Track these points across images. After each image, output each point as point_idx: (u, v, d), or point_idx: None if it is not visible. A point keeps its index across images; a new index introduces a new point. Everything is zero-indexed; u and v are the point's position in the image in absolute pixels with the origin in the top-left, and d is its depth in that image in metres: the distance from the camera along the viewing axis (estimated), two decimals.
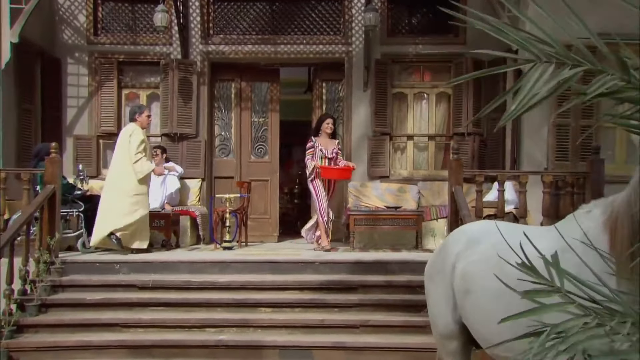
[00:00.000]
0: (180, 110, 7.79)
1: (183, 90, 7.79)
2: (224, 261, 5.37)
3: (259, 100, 8.21)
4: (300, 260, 5.49)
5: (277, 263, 5.36)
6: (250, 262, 5.37)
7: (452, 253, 2.49)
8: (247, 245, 7.06)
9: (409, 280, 5.10)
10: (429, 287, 2.70)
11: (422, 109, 7.92)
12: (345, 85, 7.89)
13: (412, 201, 7.50)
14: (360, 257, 5.73)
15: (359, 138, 7.85)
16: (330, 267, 5.37)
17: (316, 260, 5.45)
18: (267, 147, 8.22)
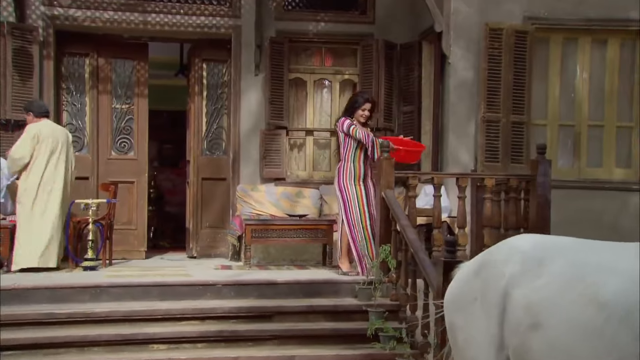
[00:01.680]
0: (17, 90, 6.75)
1: (20, 64, 6.76)
2: (97, 285, 4.71)
3: (121, 82, 7.43)
4: (196, 282, 4.95)
5: (168, 286, 4.83)
6: (132, 285, 4.77)
7: (501, 276, 2.16)
8: (112, 263, 6.26)
9: (335, 305, 4.81)
10: (456, 321, 2.35)
11: (324, 98, 7.68)
12: (232, 67, 7.40)
13: (313, 208, 7.23)
14: (271, 277, 5.32)
15: (249, 131, 7.42)
16: (236, 290, 4.91)
17: (217, 281, 4.93)
18: (133, 140, 7.45)
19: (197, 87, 7.56)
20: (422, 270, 4.20)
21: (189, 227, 7.63)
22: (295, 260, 6.77)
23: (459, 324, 2.34)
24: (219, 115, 7.64)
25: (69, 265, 5.82)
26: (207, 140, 7.64)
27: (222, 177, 7.59)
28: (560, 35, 6.23)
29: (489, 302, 2.17)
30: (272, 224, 6.34)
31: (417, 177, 5.21)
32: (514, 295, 2.08)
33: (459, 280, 2.43)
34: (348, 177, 5.44)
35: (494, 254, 2.26)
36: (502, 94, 6.07)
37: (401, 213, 4.83)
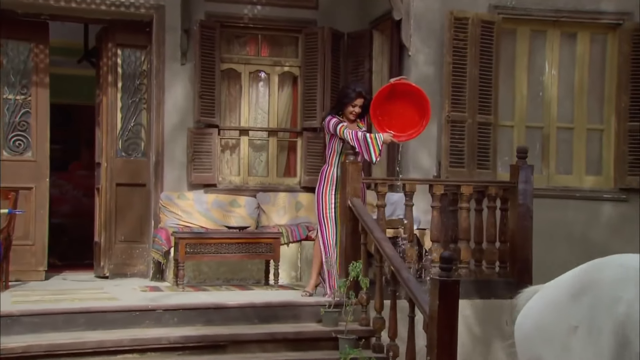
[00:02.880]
0: None
1: None
2: (7, 314, 4.17)
3: (15, 68, 6.76)
4: (131, 307, 4.54)
5: (97, 313, 4.41)
6: (52, 312, 4.31)
7: (616, 300, 1.90)
8: (8, 287, 5.62)
9: (297, 332, 4.50)
10: (545, 355, 2.07)
11: (260, 93, 7.34)
12: (154, 54, 6.90)
13: (249, 219, 6.88)
14: (220, 299, 4.90)
15: (175, 130, 6.93)
16: (180, 317, 4.55)
17: (157, 306, 4.52)
18: (30, 139, 6.78)
19: (111, 77, 7.00)
20: (408, 291, 3.94)
21: (99, 241, 7.02)
22: (232, 279, 6.41)
23: (548, 357, 2.07)
24: (137, 110, 7.11)
25: None
26: (123, 140, 7.08)
27: (140, 183, 7.08)
28: (528, 27, 6.24)
29: (600, 332, 1.92)
30: (209, 238, 5.91)
31: (386, 184, 4.97)
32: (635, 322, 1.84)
33: (544, 305, 2.16)
34: (329, 184, 5.13)
35: (600, 273, 2.02)
36: (467, 91, 5.98)
37: (374, 224, 4.58)
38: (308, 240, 6.51)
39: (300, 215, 6.92)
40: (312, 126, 7.11)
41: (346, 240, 4.90)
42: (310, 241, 6.42)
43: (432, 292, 3.61)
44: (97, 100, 7.35)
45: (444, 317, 3.55)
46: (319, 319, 4.71)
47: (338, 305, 4.66)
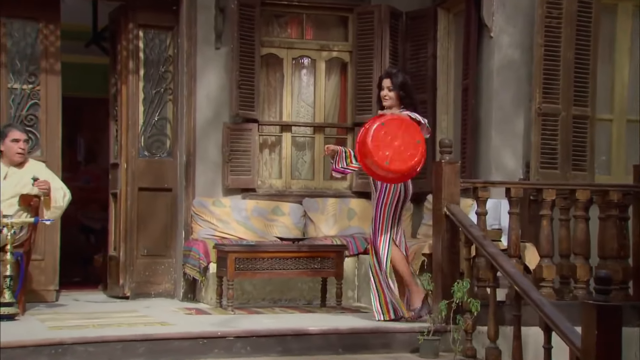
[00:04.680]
0: None
1: None
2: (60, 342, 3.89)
3: (21, 52, 6.30)
4: (197, 334, 4.21)
5: (160, 340, 4.10)
6: (109, 340, 4.01)
7: None
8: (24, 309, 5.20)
9: None
10: None
11: (303, 83, 6.94)
12: (184, 37, 6.48)
13: (295, 229, 6.52)
14: (299, 325, 4.56)
15: (207, 125, 6.52)
16: (252, 345, 4.25)
17: (226, 333, 4.25)
18: (39, 135, 6.31)
19: (132, 63, 6.55)
20: (544, 317, 3.53)
21: (117, 256, 6.56)
22: (279, 300, 6.02)
23: None
24: (162, 102, 6.70)
25: None
26: (145, 137, 6.62)
27: (166, 187, 6.63)
28: (631, 3, 5.86)
29: None
30: (262, 252, 5.48)
31: (488, 188, 4.56)
32: None
33: None
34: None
35: None
36: (561, 79, 5.58)
37: (484, 237, 4.16)
38: (367, 254, 6.10)
39: (352, 224, 6.55)
40: (365, 120, 6.66)
41: (442, 255, 4.48)
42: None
43: (587, 320, 3.22)
44: (112, 91, 6.92)
45: (604, 351, 3.15)
46: (413, 347, 4.35)
47: (436, 331, 4.27)
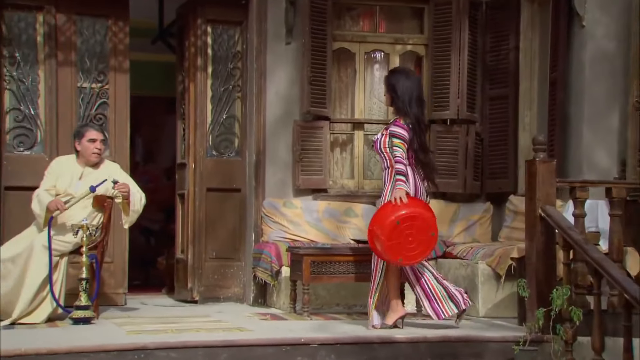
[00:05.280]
0: None
1: None
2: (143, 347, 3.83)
3: (90, 49, 6.36)
4: (280, 340, 4.16)
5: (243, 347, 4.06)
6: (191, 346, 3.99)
7: None
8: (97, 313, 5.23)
9: None
10: None
11: (376, 78, 6.83)
12: (254, 32, 6.45)
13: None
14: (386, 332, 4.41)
15: (277, 123, 6.49)
16: (337, 353, 4.16)
17: (310, 340, 4.18)
18: (107, 134, 6.34)
19: (200, 60, 6.54)
20: None
21: (185, 259, 6.56)
22: (354, 305, 5.90)
23: None
24: (230, 99, 6.69)
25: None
26: (214, 136, 6.60)
27: (235, 188, 6.60)
28: None
29: None
30: (338, 255, 5.40)
31: (586, 188, 4.38)
32: None
33: None
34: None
35: None
36: None
37: (586, 241, 3.99)
38: (446, 258, 5.97)
39: None
40: (443, 117, 6.56)
41: (537, 260, 4.32)
42: (450, 259, 5.90)
43: None
44: (179, 89, 6.94)
45: None
46: (507, 358, 4.20)
47: (533, 341, 4.11)
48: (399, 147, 4.58)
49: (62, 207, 4.99)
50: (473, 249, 5.67)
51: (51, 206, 4.99)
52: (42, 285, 4.85)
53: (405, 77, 4.78)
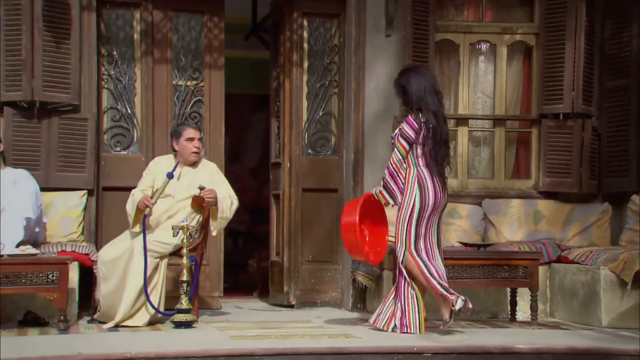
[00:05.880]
0: (49, 57, 5.76)
1: (53, 18, 5.77)
2: (250, 353, 3.86)
3: (185, 46, 6.43)
4: (390, 348, 4.09)
5: (353, 355, 3.97)
6: (299, 352, 3.97)
7: None
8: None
9: None
10: None
11: (481, 71, 6.68)
12: (353, 24, 6.38)
13: (473, 232, 6.27)
14: (503, 341, 4.22)
15: (376, 119, 6.40)
16: None
17: (423, 348, 4.10)
18: (203, 133, 6.36)
19: (295, 55, 6.52)
20: None
21: (281, 261, 6.54)
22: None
23: None
24: (327, 96, 6.64)
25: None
26: (309, 134, 6.56)
27: (331, 188, 6.54)
28: None
29: None
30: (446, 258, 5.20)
31: None
32: None
33: None
34: None
35: None
36: None
37: None
38: (560, 263, 5.75)
39: (540, 228, 6.23)
40: (555, 111, 6.31)
41: None
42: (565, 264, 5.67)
43: None
44: (273, 85, 6.93)
45: None
46: None
47: None
48: (399, 150, 4.75)
49: (149, 202, 5.04)
50: (592, 253, 5.43)
51: (140, 205, 5.05)
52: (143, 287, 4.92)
53: (415, 73, 4.87)
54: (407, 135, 4.72)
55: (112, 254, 5.07)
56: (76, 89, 5.83)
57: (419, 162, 4.74)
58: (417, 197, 4.69)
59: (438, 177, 4.74)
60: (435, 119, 4.70)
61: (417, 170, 4.73)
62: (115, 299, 4.93)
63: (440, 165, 4.75)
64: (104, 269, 5.06)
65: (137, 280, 4.89)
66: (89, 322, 5.14)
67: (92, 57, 5.95)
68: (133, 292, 4.89)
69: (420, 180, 4.70)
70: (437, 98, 4.79)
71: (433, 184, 4.70)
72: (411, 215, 4.72)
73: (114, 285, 4.99)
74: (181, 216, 5.12)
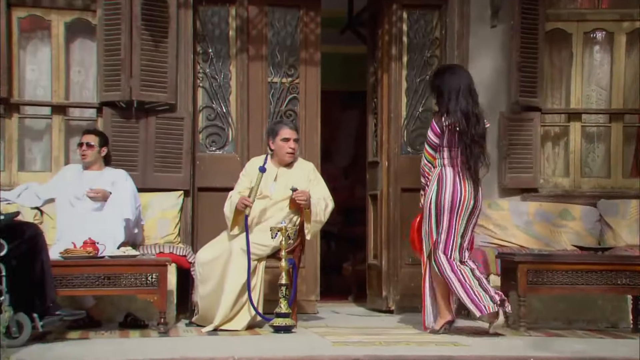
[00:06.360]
0: (147, 56, 5.86)
1: (151, 17, 5.87)
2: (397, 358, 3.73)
3: (281, 42, 6.43)
4: (504, 358, 3.96)
5: None
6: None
7: None
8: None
9: None
10: None
11: (595, 62, 6.46)
12: (456, 15, 6.27)
13: (587, 235, 6.04)
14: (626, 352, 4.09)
15: None
16: None
17: (541, 358, 3.95)
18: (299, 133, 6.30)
19: (394, 49, 6.43)
20: None
21: (379, 265, 6.46)
22: (575, 321, 5.55)
23: None
24: (427, 91, 6.46)
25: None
26: (408, 131, 6.46)
27: None
28: None
29: None
30: (560, 263, 5.10)
31: None
32: None
33: None
34: None
35: None
36: None
37: None
38: None
39: None
40: None
41: None
42: None
43: None
44: (370, 81, 6.86)
45: None
46: None
47: None
48: (425, 156, 4.94)
49: (248, 202, 5.04)
50: None
51: (239, 206, 5.05)
52: (242, 291, 4.92)
53: (450, 73, 5.00)
54: (431, 141, 4.91)
55: (210, 255, 5.10)
56: (173, 87, 5.91)
57: (444, 162, 4.88)
58: (434, 196, 4.86)
59: (467, 178, 4.84)
60: (465, 121, 4.80)
61: (440, 170, 4.88)
62: (213, 302, 4.96)
63: (471, 166, 4.84)
64: (201, 271, 5.09)
65: (235, 283, 4.90)
66: (188, 325, 5.20)
67: (189, 55, 6.02)
68: (232, 294, 4.89)
69: (439, 179, 4.86)
70: (471, 98, 4.89)
71: (454, 184, 4.82)
72: (429, 214, 4.87)
73: (211, 288, 5.02)
74: (279, 217, 5.11)
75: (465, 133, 4.79)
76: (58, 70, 5.95)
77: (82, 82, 6.12)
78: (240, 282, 4.90)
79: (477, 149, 4.83)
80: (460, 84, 4.88)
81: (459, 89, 4.86)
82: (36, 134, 6.04)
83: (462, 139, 4.80)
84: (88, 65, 6.09)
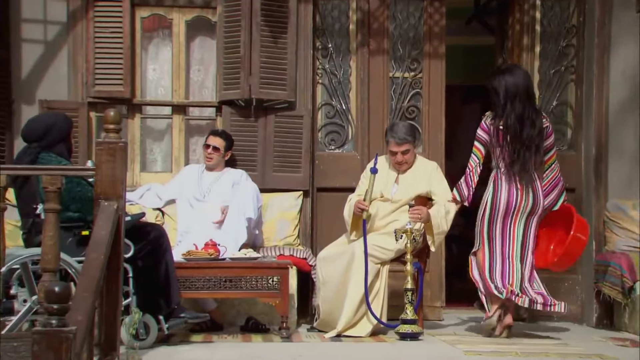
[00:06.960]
0: (267, 54, 5.93)
1: (270, 12, 5.91)
2: None
3: (403, 35, 6.35)
4: None
5: None
6: None
7: None
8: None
9: None
10: None
11: None
12: (595, 1, 6.09)
13: None
14: None
15: (623, 109, 6.10)
16: None
17: None
18: (420, 128, 6.31)
19: (526, 39, 6.28)
20: None
21: None
22: None
23: None
24: (562, 83, 6.35)
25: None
26: None
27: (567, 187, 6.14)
28: None
29: None
30: None
31: None
32: None
33: None
34: None
35: None
36: None
37: None
38: None
39: None
40: None
41: None
42: None
43: None
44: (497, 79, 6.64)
45: None
46: None
47: None
48: (474, 153, 5.12)
49: (363, 205, 5.00)
50: None
51: (355, 210, 5.04)
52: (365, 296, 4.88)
53: (509, 75, 5.08)
54: (481, 138, 5.10)
55: (332, 257, 5.09)
56: (292, 85, 5.95)
57: (499, 164, 5.07)
58: (489, 198, 5.04)
59: (520, 180, 4.98)
60: (518, 124, 4.95)
61: (495, 172, 5.07)
62: (335, 306, 4.94)
63: (523, 169, 4.97)
64: (323, 273, 5.09)
65: (359, 287, 4.87)
66: (309, 331, 5.20)
67: (308, 51, 6.04)
68: (355, 299, 4.86)
69: (495, 181, 5.04)
70: (528, 101, 5.01)
71: (509, 187, 4.99)
72: (483, 216, 5.09)
73: (333, 291, 5.00)
74: (402, 220, 5.03)
75: (518, 137, 4.94)
76: (179, 69, 6.10)
77: (201, 80, 6.25)
78: (363, 287, 4.87)
79: (528, 154, 4.97)
80: (517, 87, 5.00)
81: (515, 92, 4.99)
82: (157, 134, 6.23)
83: (512, 142, 4.96)
84: (207, 64, 6.22)
